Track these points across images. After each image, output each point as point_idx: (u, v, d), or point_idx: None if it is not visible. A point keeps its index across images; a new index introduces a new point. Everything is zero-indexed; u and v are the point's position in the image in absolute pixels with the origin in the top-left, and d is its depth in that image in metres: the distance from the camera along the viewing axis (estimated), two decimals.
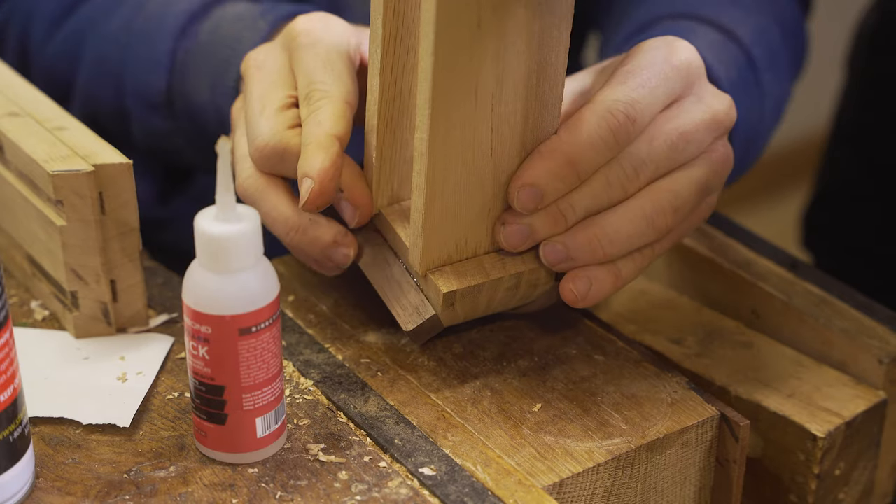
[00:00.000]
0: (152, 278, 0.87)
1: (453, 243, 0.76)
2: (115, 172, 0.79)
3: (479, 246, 0.77)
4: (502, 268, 0.77)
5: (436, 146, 0.71)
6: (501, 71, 0.72)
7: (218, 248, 0.69)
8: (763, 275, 0.89)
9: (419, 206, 0.74)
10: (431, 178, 0.73)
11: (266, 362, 0.71)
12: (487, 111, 0.73)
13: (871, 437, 0.84)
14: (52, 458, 0.73)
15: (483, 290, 0.77)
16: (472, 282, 0.76)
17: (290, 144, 0.78)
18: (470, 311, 0.78)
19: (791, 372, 0.86)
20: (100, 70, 0.99)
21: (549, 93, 0.74)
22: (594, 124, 0.74)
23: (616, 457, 0.75)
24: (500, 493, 0.71)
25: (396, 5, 0.74)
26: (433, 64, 0.69)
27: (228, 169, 0.67)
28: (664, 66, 0.77)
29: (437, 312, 0.77)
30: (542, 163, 0.74)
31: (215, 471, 0.73)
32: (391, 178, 0.79)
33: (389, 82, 0.76)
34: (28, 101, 0.86)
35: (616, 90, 0.75)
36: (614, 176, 0.75)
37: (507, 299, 0.79)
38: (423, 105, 0.70)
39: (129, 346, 0.82)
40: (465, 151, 0.73)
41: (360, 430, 0.75)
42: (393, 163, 0.78)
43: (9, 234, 0.87)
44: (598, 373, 0.81)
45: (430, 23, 0.68)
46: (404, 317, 0.79)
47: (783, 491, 0.84)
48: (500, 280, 0.77)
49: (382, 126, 0.77)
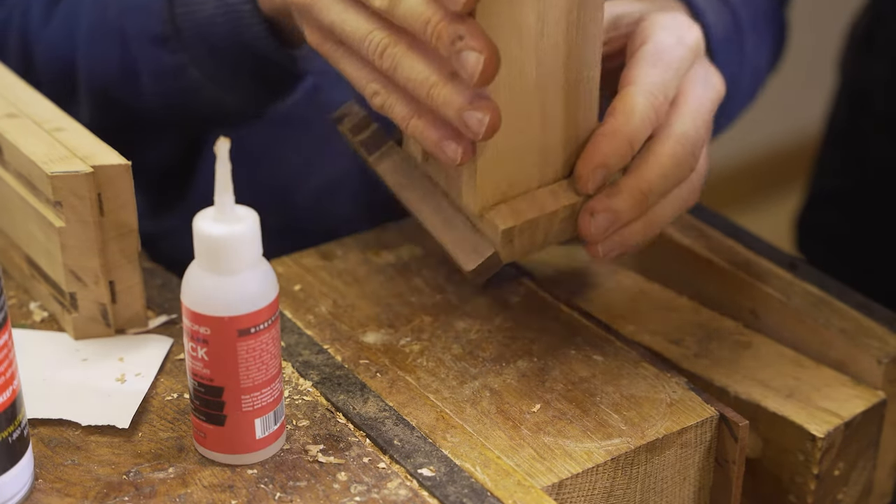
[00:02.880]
0: (151, 279, 0.87)
1: (506, 181, 0.78)
2: (113, 173, 0.79)
3: (531, 181, 0.79)
4: (555, 200, 0.79)
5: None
6: (543, 6, 0.74)
7: (217, 248, 0.69)
8: (762, 275, 0.89)
9: None
10: None
11: (265, 363, 0.71)
12: (531, 47, 0.75)
13: (870, 437, 0.84)
14: (51, 460, 0.73)
15: (539, 223, 0.79)
16: (529, 216, 0.78)
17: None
18: (528, 246, 0.80)
19: (790, 372, 0.86)
20: (98, 33, 0.97)
21: (589, 26, 0.77)
22: (641, 105, 0.81)
23: (615, 457, 0.75)
24: (500, 493, 0.71)
25: None
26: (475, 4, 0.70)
27: (228, 169, 0.67)
28: (680, 47, 0.84)
29: (496, 250, 0.78)
30: (608, 145, 0.80)
31: (214, 472, 0.73)
32: None
33: None
34: (26, 102, 0.86)
35: (651, 73, 0.82)
36: (681, 155, 0.81)
37: (562, 231, 0.81)
38: None
39: (128, 347, 0.82)
40: (512, 88, 0.75)
41: (360, 430, 0.75)
42: None
43: (7, 236, 0.87)
44: (597, 373, 0.81)
45: None
46: (463, 257, 0.79)
47: (782, 491, 0.84)
48: (556, 213, 0.79)
49: None
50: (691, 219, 0.94)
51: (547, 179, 0.80)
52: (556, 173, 0.80)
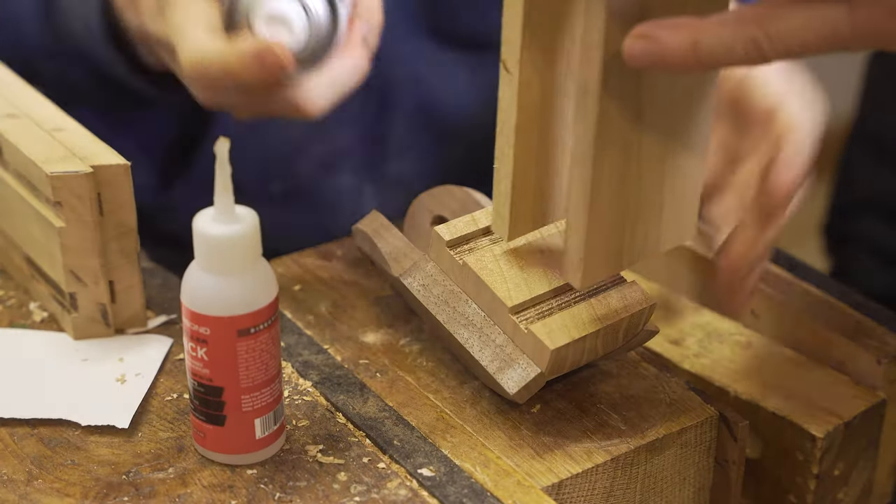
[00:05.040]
0: (151, 279, 0.87)
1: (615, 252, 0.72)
2: (113, 173, 0.79)
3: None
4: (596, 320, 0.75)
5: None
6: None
7: (216, 249, 0.69)
8: (762, 275, 0.89)
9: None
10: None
11: (265, 363, 0.71)
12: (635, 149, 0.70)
13: (869, 437, 0.84)
14: (50, 460, 0.73)
15: (586, 339, 0.74)
16: (576, 334, 0.73)
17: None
18: (578, 361, 0.76)
19: (790, 372, 0.86)
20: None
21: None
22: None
23: (615, 457, 0.75)
24: (499, 493, 0.71)
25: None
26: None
27: (227, 170, 0.67)
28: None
29: (542, 370, 0.73)
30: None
31: (214, 472, 0.73)
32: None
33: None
34: (26, 103, 0.86)
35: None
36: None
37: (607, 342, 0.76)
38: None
39: (128, 347, 0.82)
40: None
41: (359, 430, 0.75)
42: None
43: (7, 236, 0.87)
44: (596, 373, 0.81)
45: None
46: (505, 380, 0.75)
47: (782, 491, 0.84)
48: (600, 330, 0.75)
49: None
50: None
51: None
52: None
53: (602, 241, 0.71)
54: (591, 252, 0.70)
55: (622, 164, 0.69)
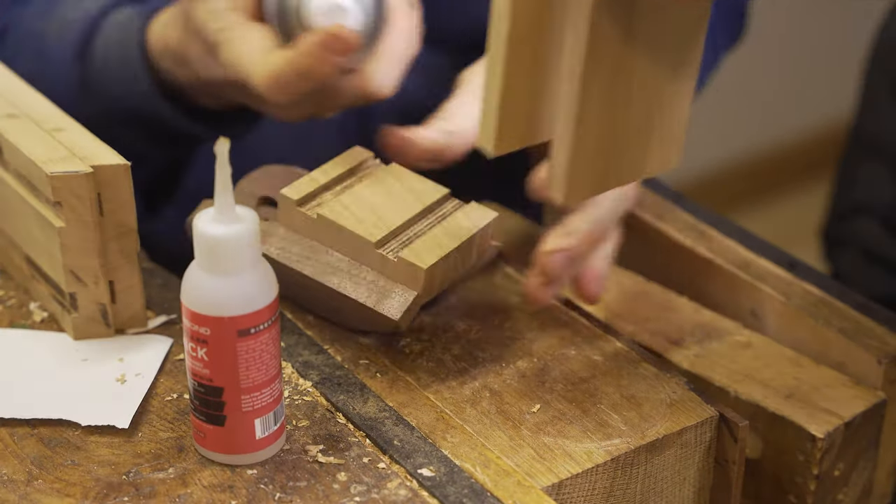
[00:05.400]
0: (151, 279, 0.87)
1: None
2: (113, 173, 0.79)
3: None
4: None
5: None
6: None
7: (216, 249, 0.69)
8: (762, 275, 0.89)
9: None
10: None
11: (265, 363, 0.71)
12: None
13: (870, 437, 0.84)
14: (50, 460, 0.73)
15: (450, 256, 0.79)
16: (441, 253, 0.78)
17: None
18: (446, 281, 0.80)
19: (790, 372, 0.86)
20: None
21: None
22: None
23: (615, 457, 0.75)
24: (499, 493, 0.71)
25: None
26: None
27: (227, 170, 0.67)
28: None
29: (418, 292, 0.78)
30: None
31: (214, 472, 0.73)
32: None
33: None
34: (26, 103, 0.86)
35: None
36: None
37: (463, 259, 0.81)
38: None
39: (128, 347, 0.82)
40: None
41: (359, 431, 0.75)
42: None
43: (7, 236, 0.87)
44: (596, 374, 0.81)
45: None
46: (385, 308, 0.78)
47: (782, 491, 0.84)
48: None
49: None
50: (691, 219, 0.94)
51: None
52: None
53: (588, 160, 0.73)
54: (575, 169, 0.72)
55: (612, 86, 0.71)
